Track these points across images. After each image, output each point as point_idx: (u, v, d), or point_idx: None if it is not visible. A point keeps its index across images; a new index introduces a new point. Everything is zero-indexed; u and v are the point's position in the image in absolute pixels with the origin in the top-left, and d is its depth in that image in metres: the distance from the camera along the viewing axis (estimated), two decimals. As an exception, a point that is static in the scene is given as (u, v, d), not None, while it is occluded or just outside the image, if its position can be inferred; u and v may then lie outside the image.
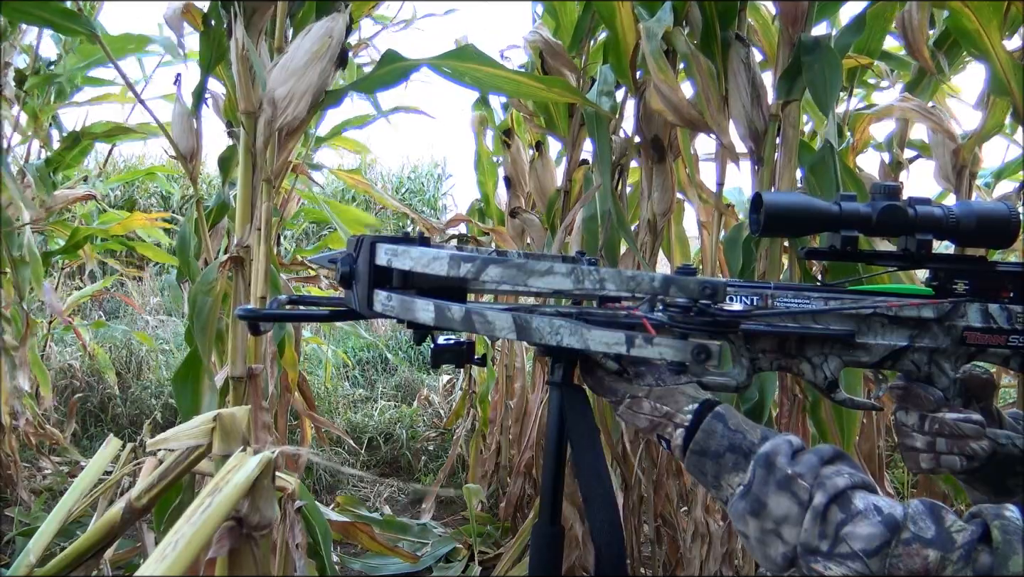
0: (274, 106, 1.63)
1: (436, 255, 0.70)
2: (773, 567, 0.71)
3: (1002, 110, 1.91)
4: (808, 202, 0.84)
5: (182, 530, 1.06)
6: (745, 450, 0.73)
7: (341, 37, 1.65)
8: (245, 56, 1.66)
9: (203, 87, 1.90)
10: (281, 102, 1.63)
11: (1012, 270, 0.86)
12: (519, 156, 3.01)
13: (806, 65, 1.62)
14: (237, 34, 1.66)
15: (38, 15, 1.82)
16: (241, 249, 1.73)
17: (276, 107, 1.63)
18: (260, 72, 1.65)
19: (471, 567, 2.72)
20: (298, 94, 1.62)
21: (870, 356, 0.85)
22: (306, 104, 1.63)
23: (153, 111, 1.91)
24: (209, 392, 1.75)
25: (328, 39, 1.63)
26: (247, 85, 1.67)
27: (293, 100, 1.63)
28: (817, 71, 1.60)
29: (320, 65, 1.62)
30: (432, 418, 4.52)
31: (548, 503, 0.81)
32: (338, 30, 1.65)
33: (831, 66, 1.59)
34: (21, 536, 2.63)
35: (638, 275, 0.68)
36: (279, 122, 1.64)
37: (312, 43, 1.63)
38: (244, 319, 0.86)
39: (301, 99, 1.62)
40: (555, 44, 2.33)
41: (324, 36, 1.63)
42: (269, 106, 1.63)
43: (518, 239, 3.01)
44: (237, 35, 1.66)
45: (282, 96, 1.62)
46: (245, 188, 1.71)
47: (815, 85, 1.63)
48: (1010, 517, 0.64)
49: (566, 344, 0.68)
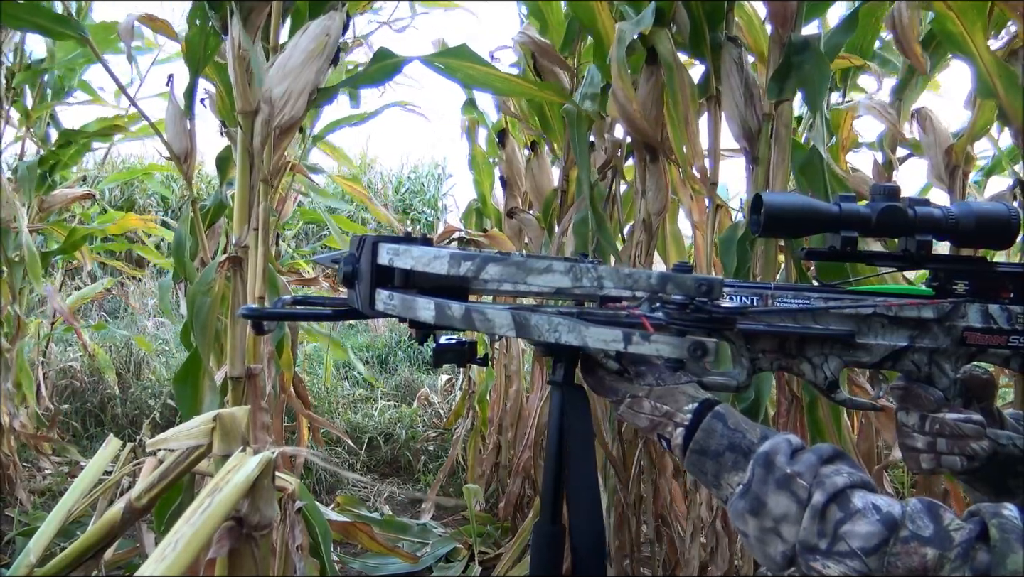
0: (271, 105, 1.63)
1: (437, 254, 0.71)
2: (772, 566, 0.71)
3: (991, 108, 1.91)
4: (808, 203, 0.84)
5: (182, 530, 1.06)
6: (745, 449, 0.74)
7: (338, 35, 1.66)
8: (241, 56, 1.65)
9: (193, 88, 1.89)
10: (278, 101, 1.63)
11: (1012, 271, 0.87)
12: (514, 156, 3.01)
13: (796, 65, 1.62)
14: (234, 33, 1.65)
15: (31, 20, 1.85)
16: (239, 249, 1.73)
17: (273, 106, 1.63)
18: (258, 72, 1.65)
19: (471, 567, 2.72)
20: (295, 93, 1.62)
21: (870, 356, 0.85)
22: (303, 103, 1.64)
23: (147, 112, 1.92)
24: (210, 393, 1.75)
25: (325, 37, 1.63)
26: (244, 85, 1.66)
27: (290, 99, 1.63)
28: (807, 71, 1.61)
29: (317, 64, 1.63)
30: (432, 418, 4.52)
31: (549, 502, 0.81)
32: (335, 28, 1.65)
33: (820, 66, 1.60)
34: (21, 536, 2.63)
35: (635, 273, 0.69)
36: (276, 121, 1.64)
37: (309, 42, 1.63)
38: (248, 318, 0.87)
39: (298, 98, 1.63)
40: (544, 44, 2.34)
41: (321, 35, 1.63)
42: (266, 105, 1.63)
43: (516, 239, 3.02)
44: (234, 35, 1.65)
45: (279, 95, 1.62)
46: (243, 188, 1.71)
47: (805, 85, 1.64)
48: (1008, 516, 0.64)
49: (564, 341, 0.68)
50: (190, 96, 1.89)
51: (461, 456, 3.61)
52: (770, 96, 1.70)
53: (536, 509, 2.65)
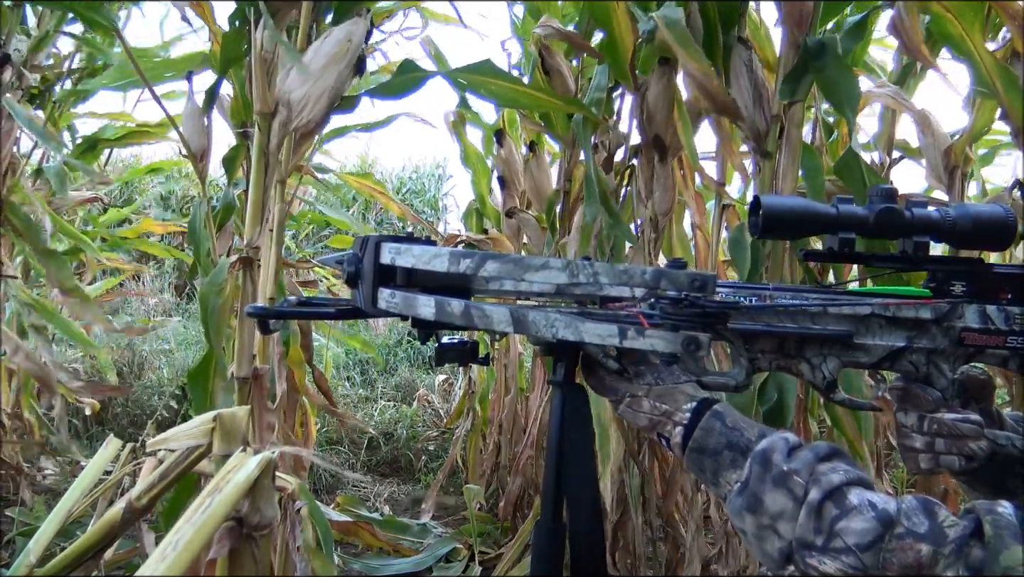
0: (289, 108, 1.62)
1: (437, 252, 0.72)
2: (770, 562, 0.71)
3: (990, 109, 1.92)
4: (806, 205, 0.84)
5: (182, 530, 1.07)
6: (742, 447, 0.74)
7: (361, 42, 1.64)
8: (263, 57, 1.65)
9: (217, 86, 1.89)
10: (297, 105, 1.62)
11: (1009, 272, 0.87)
12: (512, 156, 3.00)
13: (815, 69, 1.63)
14: (258, 35, 1.65)
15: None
16: (251, 250, 1.73)
17: (291, 109, 1.62)
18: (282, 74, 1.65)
19: (471, 567, 2.72)
20: (314, 97, 1.62)
21: (869, 357, 0.86)
22: (322, 108, 1.63)
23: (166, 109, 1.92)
24: (223, 391, 1.75)
25: (348, 43, 1.62)
26: (264, 86, 1.66)
27: (309, 103, 1.62)
28: (828, 75, 1.63)
29: (338, 69, 1.62)
30: (432, 418, 4.52)
31: (550, 501, 0.82)
32: (358, 34, 1.63)
33: (842, 68, 1.61)
34: (21, 536, 2.63)
35: (630, 268, 0.70)
36: (294, 124, 1.63)
37: (331, 46, 1.62)
38: (253, 317, 0.88)
39: (317, 102, 1.62)
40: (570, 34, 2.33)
41: (344, 40, 1.62)
42: (284, 108, 1.62)
43: (515, 239, 3.02)
44: (257, 36, 1.65)
45: (298, 99, 1.62)
46: (257, 189, 1.71)
47: (830, 89, 1.65)
48: (1002, 513, 0.65)
49: (561, 336, 0.69)
50: (212, 94, 1.89)
51: (461, 456, 3.61)
52: (782, 97, 1.71)
53: (536, 509, 2.66)
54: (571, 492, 0.80)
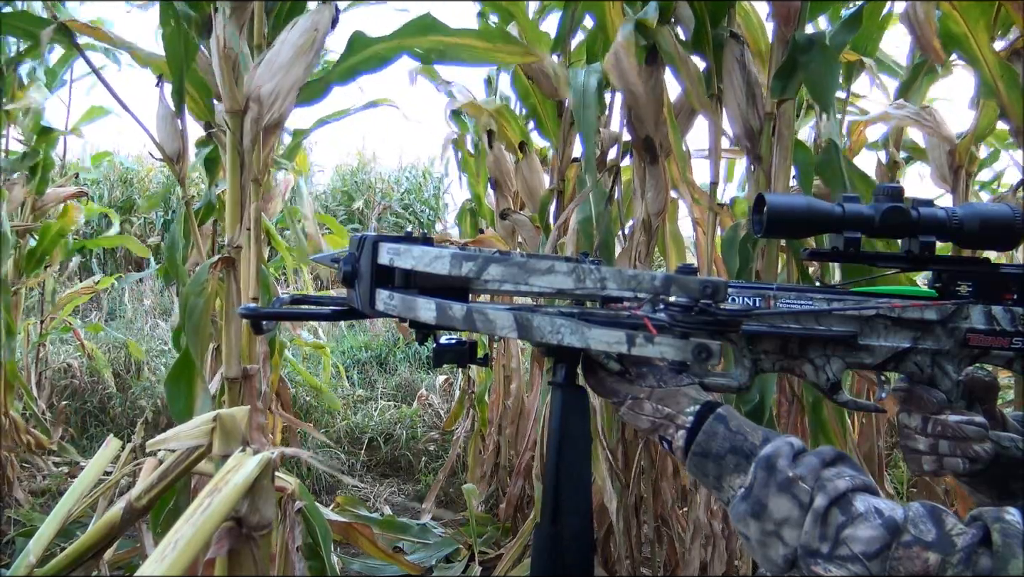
0: (260, 104, 1.60)
1: (438, 254, 0.70)
2: (774, 569, 0.70)
3: (994, 110, 1.92)
4: (811, 204, 0.83)
5: (182, 530, 1.06)
6: (747, 452, 0.73)
7: (326, 30, 1.62)
8: (227, 55, 1.62)
9: (181, 87, 1.85)
10: (267, 99, 1.59)
11: (1015, 272, 0.86)
12: (502, 157, 2.98)
13: (802, 64, 1.62)
14: (218, 32, 1.62)
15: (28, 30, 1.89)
16: (232, 250, 1.72)
17: (262, 105, 1.60)
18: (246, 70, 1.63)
19: (471, 567, 2.72)
20: (284, 90, 1.59)
21: (873, 358, 0.85)
22: (292, 100, 1.61)
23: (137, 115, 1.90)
24: (203, 394, 1.74)
25: (314, 32, 1.60)
26: (231, 84, 1.63)
27: (279, 97, 1.60)
28: (814, 70, 1.61)
29: (306, 60, 1.59)
30: (432, 419, 4.52)
31: (549, 503, 0.81)
32: (323, 23, 1.61)
33: (828, 64, 1.59)
34: (21, 536, 2.63)
35: (639, 274, 0.68)
36: (266, 120, 1.61)
37: (297, 37, 1.60)
38: (246, 317, 0.86)
39: (287, 95, 1.60)
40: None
41: (310, 30, 1.60)
42: (255, 104, 1.60)
43: (509, 240, 3.00)
44: (218, 33, 1.62)
45: (268, 93, 1.59)
46: (234, 188, 1.69)
47: (813, 84, 1.63)
48: (1010, 520, 0.64)
49: (567, 343, 0.68)
50: (179, 96, 1.86)
51: (461, 457, 3.61)
52: (774, 95, 1.69)
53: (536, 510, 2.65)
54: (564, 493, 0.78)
